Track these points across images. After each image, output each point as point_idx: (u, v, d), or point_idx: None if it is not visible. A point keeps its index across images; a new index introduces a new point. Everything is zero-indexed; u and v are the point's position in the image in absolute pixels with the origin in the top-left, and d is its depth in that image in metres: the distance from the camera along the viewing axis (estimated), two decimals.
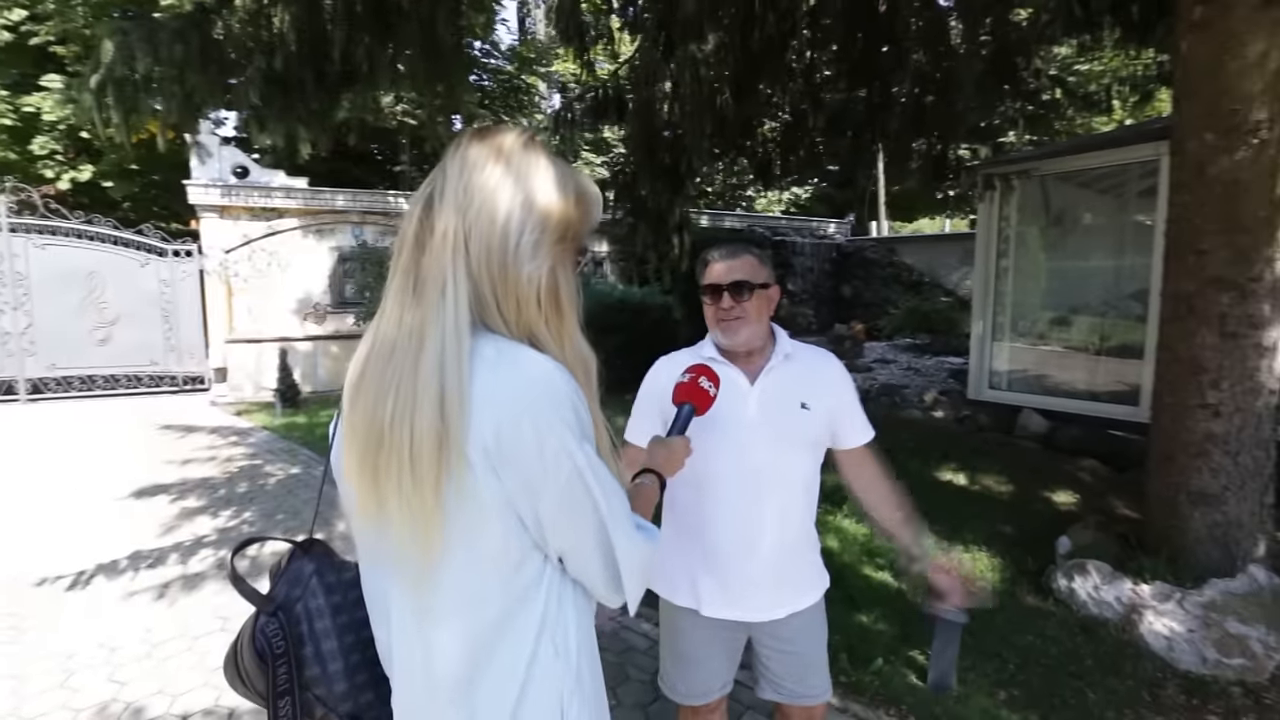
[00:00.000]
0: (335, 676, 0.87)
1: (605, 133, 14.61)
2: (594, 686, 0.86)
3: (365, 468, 0.76)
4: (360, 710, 0.88)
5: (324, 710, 0.87)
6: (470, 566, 0.75)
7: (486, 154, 0.78)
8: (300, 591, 0.89)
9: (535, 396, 0.73)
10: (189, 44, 2.31)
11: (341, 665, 0.87)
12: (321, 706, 0.87)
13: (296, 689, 0.84)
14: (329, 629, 0.88)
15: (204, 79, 2.38)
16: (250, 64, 2.34)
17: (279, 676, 0.83)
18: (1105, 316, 5.65)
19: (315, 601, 0.89)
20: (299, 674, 0.85)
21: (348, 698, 0.87)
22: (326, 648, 0.87)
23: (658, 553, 0.85)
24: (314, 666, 0.86)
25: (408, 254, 0.78)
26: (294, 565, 0.92)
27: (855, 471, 1.56)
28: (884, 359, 9.10)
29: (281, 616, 0.86)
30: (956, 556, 1.61)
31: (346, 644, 0.88)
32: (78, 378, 8.45)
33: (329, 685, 0.86)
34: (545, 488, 0.74)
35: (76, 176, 11.97)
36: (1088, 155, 5.30)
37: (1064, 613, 2.87)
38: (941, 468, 4.64)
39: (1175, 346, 2.81)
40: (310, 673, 0.86)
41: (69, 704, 2.43)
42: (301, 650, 0.86)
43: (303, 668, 0.86)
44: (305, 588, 0.89)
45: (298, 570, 0.91)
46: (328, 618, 0.88)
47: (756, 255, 1.45)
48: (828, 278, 14.03)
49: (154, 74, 2.30)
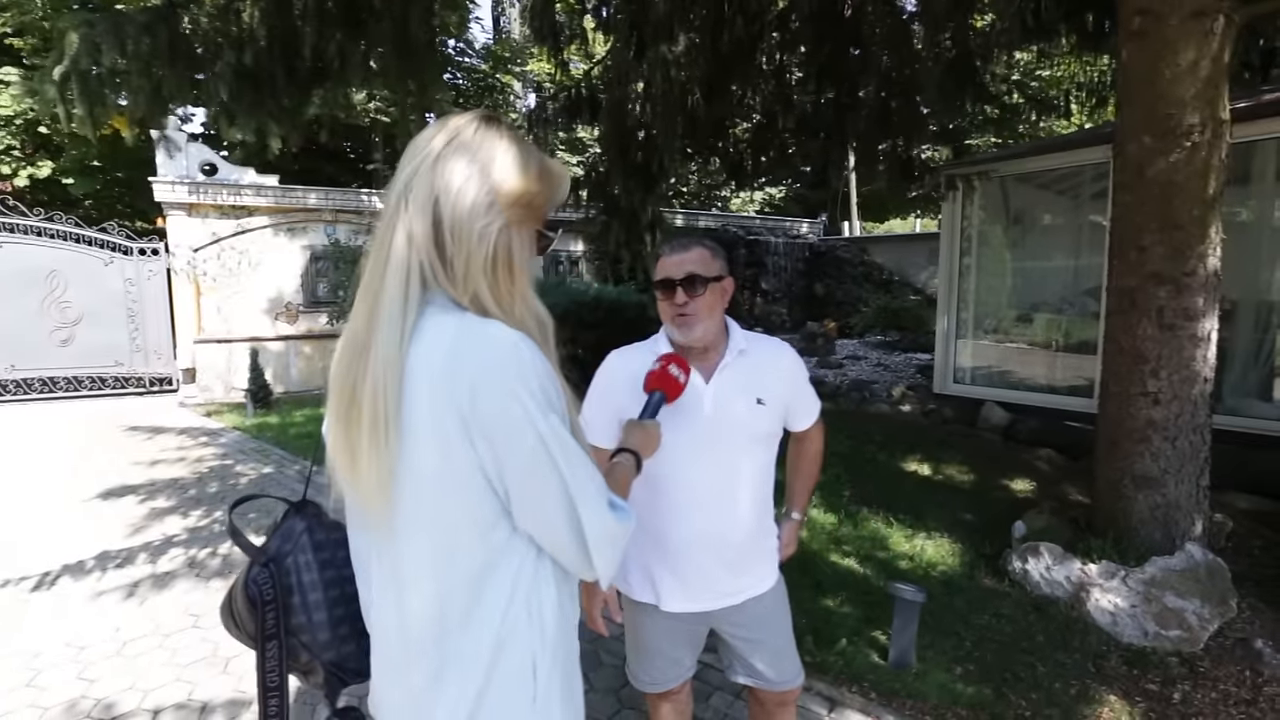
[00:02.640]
0: (320, 625, 0.93)
1: (581, 133, 14.64)
2: (568, 659, 0.90)
3: (339, 431, 0.82)
4: (342, 659, 0.95)
5: (309, 656, 0.94)
6: (442, 525, 0.80)
7: (440, 134, 0.84)
8: (291, 546, 0.95)
9: (501, 365, 0.77)
10: (156, 37, 2.29)
11: (326, 616, 0.94)
12: (306, 652, 0.94)
13: (283, 633, 0.91)
14: (316, 582, 0.94)
15: (172, 73, 2.37)
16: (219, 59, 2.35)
17: (267, 621, 0.90)
18: (1063, 313, 5.88)
19: (304, 556, 0.95)
20: (286, 620, 0.92)
21: (330, 646, 0.94)
22: (313, 599, 0.94)
23: (629, 531, 0.88)
24: (300, 615, 0.93)
25: (377, 238, 0.85)
26: (287, 523, 0.98)
27: (795, 448, 1.65)
28: (855, 355, 9.29)
29: (272, 567, 0.92)
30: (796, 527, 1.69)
31: (331, 597, 0.95)
32: (38, 380, 8.23)
33: (313, 633, 0.93)
34: (510, 456, 0.78)
35: (35, 173, 11.62)
36: (1044, 157, 5.51)
37: (1018, 593, 3.00)
38: (907, 459, 4.79)
39: (1119, 338, 2.96)
40: (297, 620, 0.93)
41: (36, 702, 2.42)
42: (290, 599, 0.93)
43: (290, 615, 0.92)
44: (296, 543, 0.95)
45: (290, 527, 0.97)
46: (315, 571, 0.95)
47: (709, 247, 1.44)
48: (801, 276, 14.24)
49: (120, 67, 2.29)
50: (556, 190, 0.92)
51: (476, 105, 15.49)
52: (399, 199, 0.83)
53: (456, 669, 0.81)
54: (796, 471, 1.66)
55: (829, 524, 3.81)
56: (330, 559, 0.96)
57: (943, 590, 3.06)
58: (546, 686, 0.85)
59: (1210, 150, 2.61)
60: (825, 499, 4.08)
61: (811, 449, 1.64)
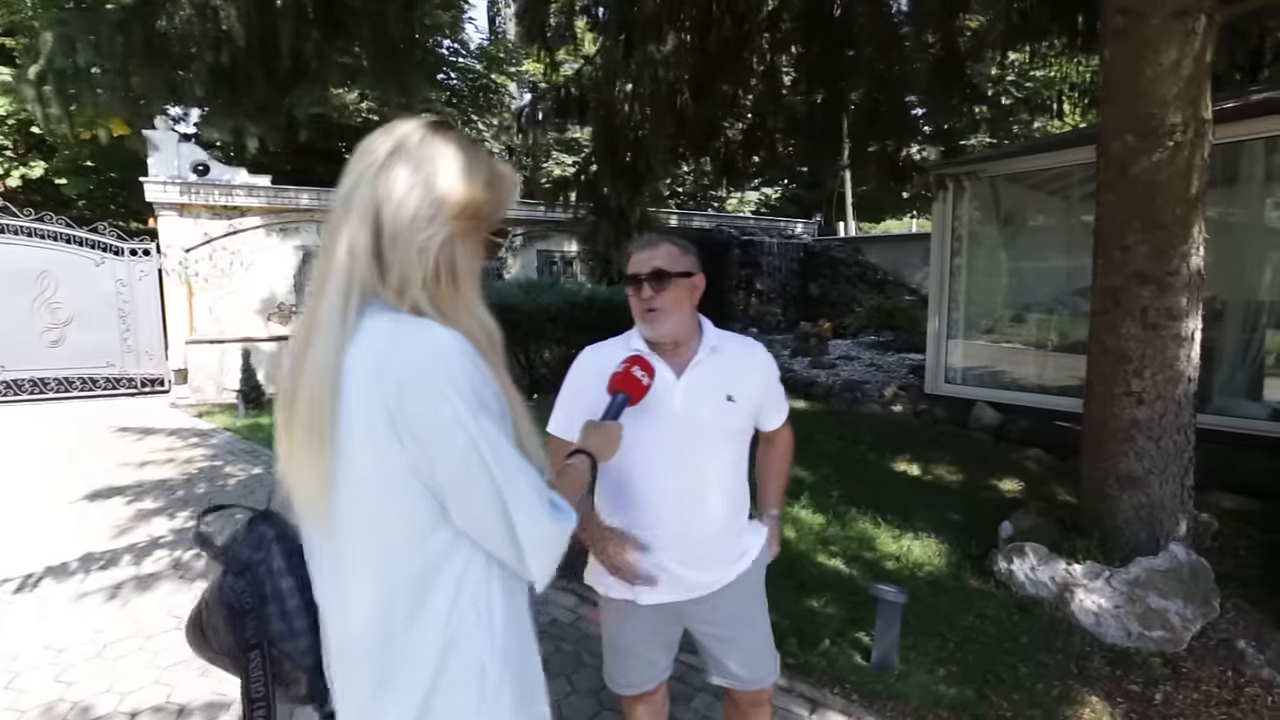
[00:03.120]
0: (301, 633, 0.92)
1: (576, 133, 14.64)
2: (520, 660, 0.89)
3: (281, 435, 0.83)
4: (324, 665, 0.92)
5: (291, 665, 0.93)
6: (379, 528, 0.80)
7: (385, 141, 0.84)
8: (263, 554, 0.94)
9: (429, 365, 0.77)
10: (131, 36, 2.29)
11: (306, 622, 0.92)
12: (289, 661, 0.92)
13: (265, 643, 0.90)
14: (292, 589, 0.93)
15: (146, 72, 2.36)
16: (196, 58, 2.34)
17: (248, 630, 0.89)
18: (1054, 313, 5.89)
19: (277, 563, 0.94)
20: (265, 629, 0.91)
21: (311, 652, 0.92)
22: (291, 606, 0.93)
23: (567, 534, 0.87)
24: (279, 623, 0.92)
25: (324, 242, 0.85)
26: (256, 530, 0.97)
27: (765, 448, 1.66)
28: (848, 356, 9.29)
29: (248, 575, 0.91)
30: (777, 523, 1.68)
31: (308, 600, 0.93)
32: (28, 381, 8.19)
33: (294, 640, 0.92)
34: (441, 457, 0.78)
35: (27, 173, 11.57)
36: (1033, 157, 5.52)
37: (1003, 594, 3.00)
38: (897, 459, 4.78)
39: (1103, 338, 2.96)
40: (276, 628, 0.92)
41: (14, 705, 2.40)
42: (266, 609, 0.92)
43: (269, 624, 0.91)
44: (268, 551, 0.95)
45: (260, 534, 0.96)
46: (290, 578, 0.93)
47: (678, 245, 1.45)
48: (795, 277, 14.24)
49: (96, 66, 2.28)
50: (505, 196, 0.92)
51: (471, 105, 15.51)
52: (342, 206, 0.83)
53: (403, 673, 0.81)
54: (768, 469, 1.66)
55: (817, 524, 3.80)
56: (303, 564, 0.94)
57: (928, 591, 3.06)
58: (496, 688, 0.84)
59: (1193, 150, 2.61)
60: (814, 499, 4.07)
61: (780, 446, 1.65)
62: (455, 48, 14.45)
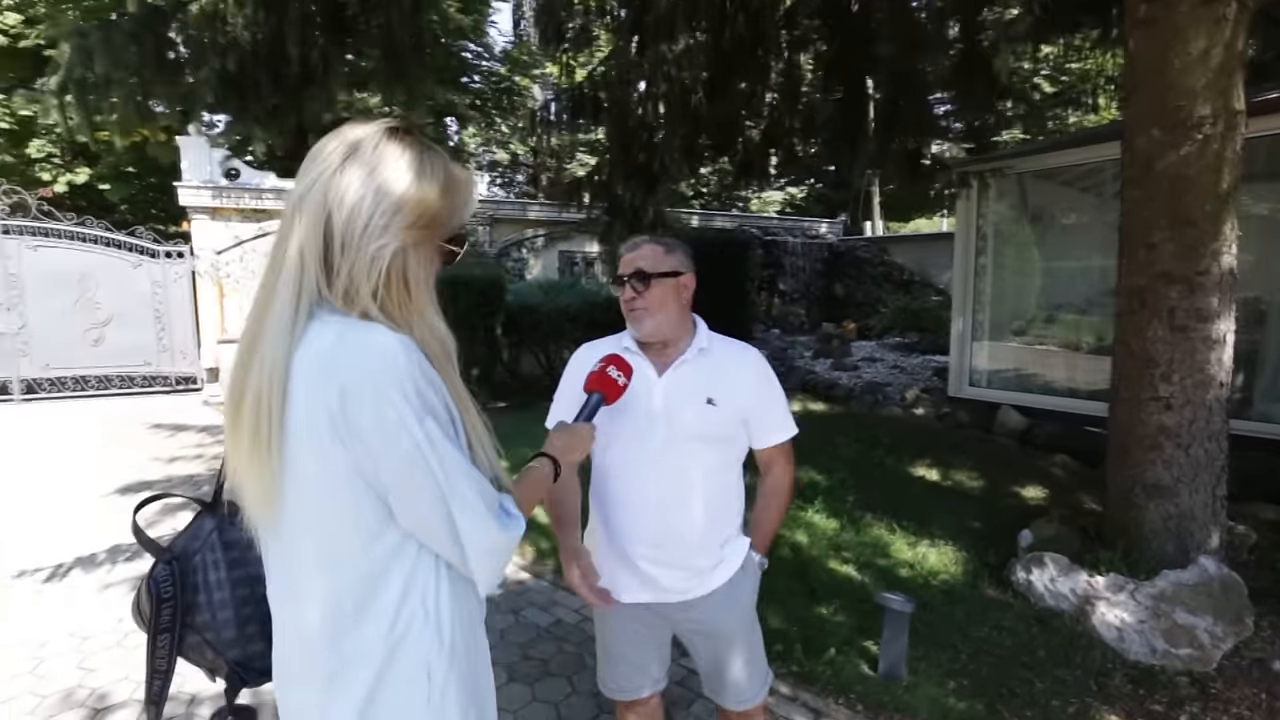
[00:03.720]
0: (224, 624, 0.94)
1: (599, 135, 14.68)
2: (470, 662, 0.89)
3: (229, 436, 0.83)
4: (249, 658, 0.95)
5: (213, 654, 0.94)
6: (326, 529, 0.81)
7: (338, 146, 0.83)
8: (199, 545, 0.96)
9: (374, 369, 0.77)
10: (143, 45, 2.36)
11: (232, 614, 0.94)
12: (211, 650, 0.94)
13: (177, 629, 0.92)
14: (223, 580, 0.95)
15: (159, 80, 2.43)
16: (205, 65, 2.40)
17: (161, 616, 0.91)
18: (1083, 314, 5.68)
19: (213, 555, 0.95)
20: (190, 617, 0.93)
21: (235, 644, 0.94)
22: (218, 597, 0.94)
23: (514, 541, 0.87)
24: (205, 613, 0.94)
25: (275, 243, 0.84)
26: (197, 522, 0.98)
27: (763, 468, 1.57)
28: (871, 357, 9.12)
29: (175, 566, 0.93)
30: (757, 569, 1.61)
31: (239, 596, 0.95)
32: (71, 378, 8.52)
33: (217, 631, 0.93)
34: (385, 458, 0.77)
35: (73, 179, 12.06)
36: (1062, 153, 5.33)
37: (1021, 605, 2.90)
38: (916, 464, 4.67)
39: (1129, 340, 2.84)
40: (201, 618, 0.93)
41: (36, 690, 2.48)
42: (195, 597, 0.94)
43: (193, 612, 0.93)
44: (205, 542, 0.96)
45: (199, 526, 0.98)
46: (223, 570, 0.95)
47: (663, 244, 1.45)
48: (819, 277, 14.05)
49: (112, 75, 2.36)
50: (463, 203, 0.91)
51: (494, 108, 15.68)
52: (294, 209, 0.82)
53: (351, 669, 0.82)
54: (757, 507, 1.57)
55: (830, 530, 3.73)
56: (240, 559, 0.96)
57: (942, 600, 2.97)
58: (442, 688, 0.84)
59: (1223, 143, 2.49)
60: (828, 504, 3.99)
61: (773, 484, 1.55)
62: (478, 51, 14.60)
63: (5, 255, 7.94)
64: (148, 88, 2.41)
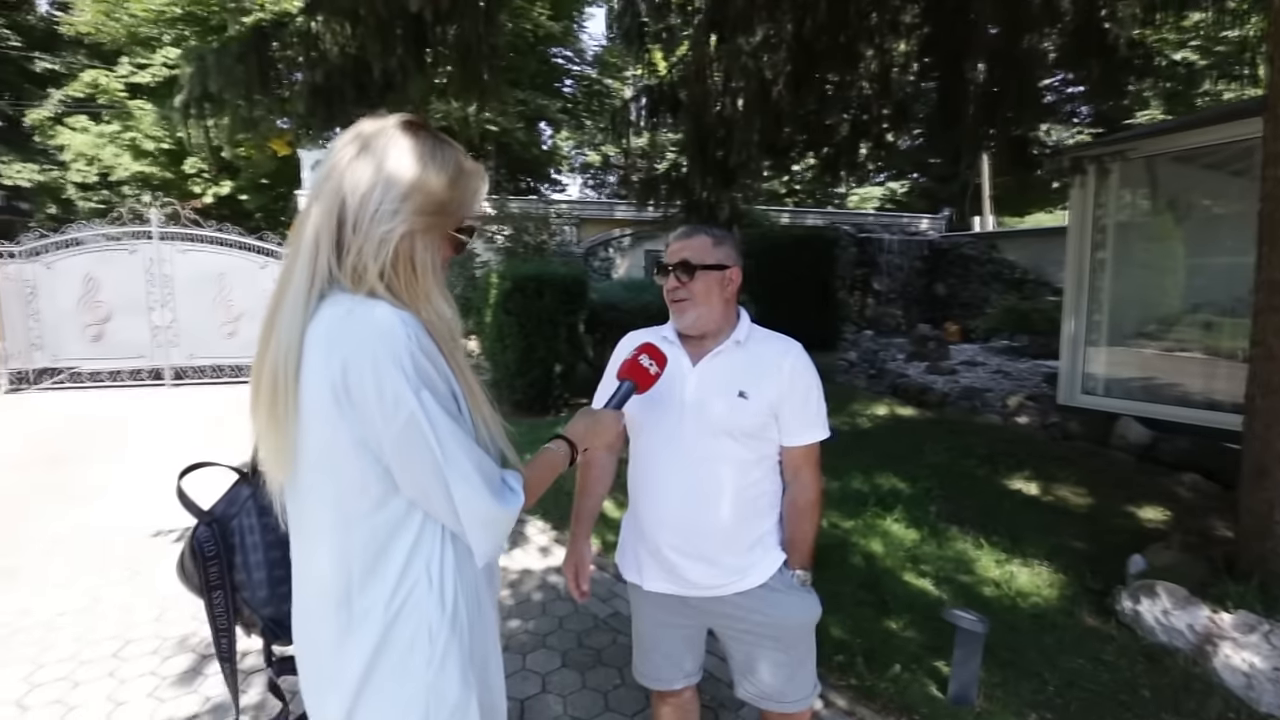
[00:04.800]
0: (259, 584, 1.01)
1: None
2: (474, 629, 0.93)
3: (252, 407, 0.90)
4: (281, 616, 1.01)
5: (249, 611, 1.02)
6: (335, 494, 0.86)
7: (354, 139, 0.89)
8: (236, 509, 1.04)
9: (373, 342, 0.81)
10: (248, 65, 2.65)
11: (265, 575, 1.01)
12: (247, 607, 1.02)
13: (227, 586, 1.00)
14: (257, 543, 1.02)
15: (262, 95, 2.71)
16: (298, 79, 2.65)
17: (210, 574, 0.99)
18: (1229, 315, 4.98)
19: (248, 520, 1.03)
20: (230, 575, 1.01)
21: (269, 603, 1.01)
22: (253, 559, 1.02)
23: (510, 514, 0.89)
24: (241, 573, 1.01)
25: (294, 229, 0.91)
26: (235, 488, 1.07)
27: (790, 474, 1.49)
28: (973, 361, 8.50)
29: (215, 527, 1.01)
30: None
31: (272, 558, 1.02)
32: (210, 366, 9.61)
33: (252, 590, 1.01)
34: (386, 428, 0.81)
35: (218, 191, 13.62)
36: (1203, 131, 4.68)
37: (1126, 638, 2.59)
38: (1012, 476, 4.29)
39: (1270, 342, 2.46)
40: (238, 577, 1.01)
41: (160, 634, 2.81)
42: (233, 557, 1.01)
43: (231, 572, 1.01)
44: (241, 507, 1.04)
45: (237, 492, 1.06)
46: (257, 534, 1.03)
47: (713, 236, 1.43)
48: (919, 276, 13.29)
49: (224, 92, 2.67)
50: (471, 193, 0.95)
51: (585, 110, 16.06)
52: (312, 197, 0.89)
53: (360, 628, 0.87)
54: (788, 524, 1.49)
55: (909, 540, 3.50)
56: (273, 523, 1.02)
57: (1031, 624, 2.71)
58: (443, 650, 0.88)
59: None
60: (909, 513, 3.76)
61: (800, 494, 1.47)
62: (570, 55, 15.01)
63: (161, 259, 9.09)
64: (250, 102, 2.71)
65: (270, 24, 2.71)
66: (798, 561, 1.47)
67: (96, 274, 9.01)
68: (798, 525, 1.47)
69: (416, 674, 0.87)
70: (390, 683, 0.88)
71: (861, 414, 5.93)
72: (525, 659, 2.59)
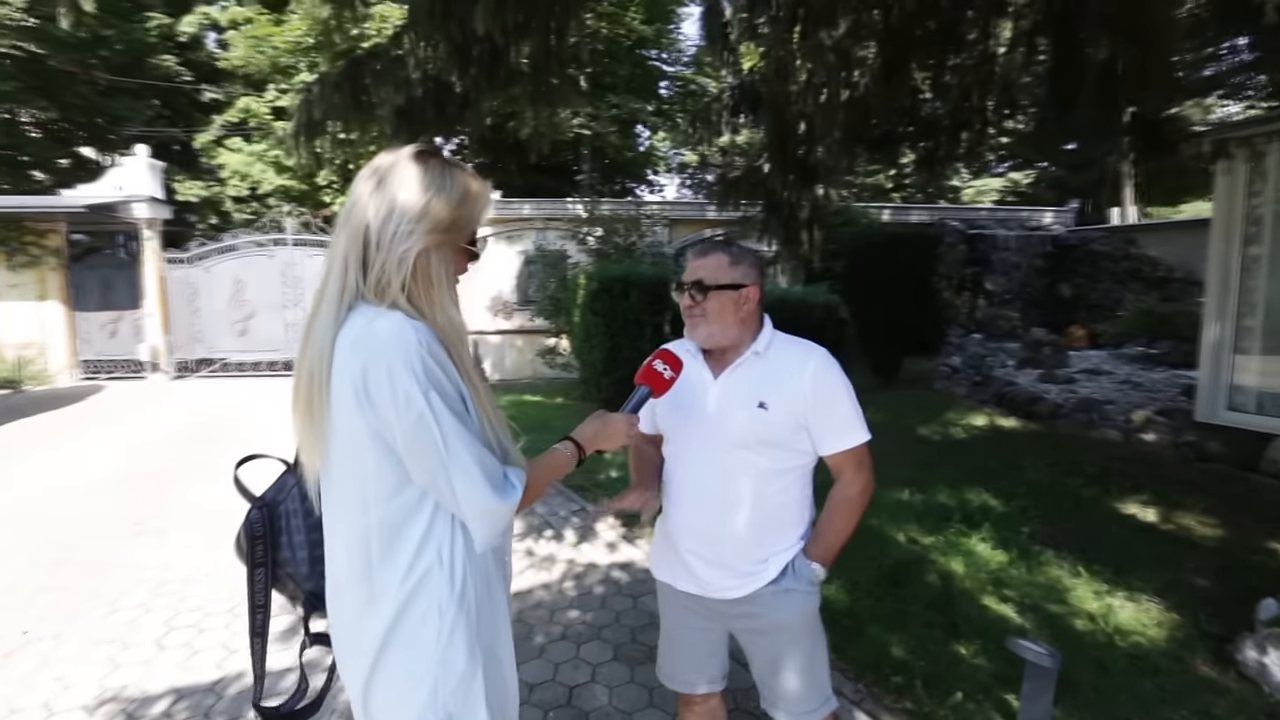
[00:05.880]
0: (301, 561, 1.14)
1: None
2: (483, 610, 1.02)
3: (291, 402, 1.04)
4: (320, 590, 1.13)
5: (293, 585, 1.15)
6: (355, 481, 0.98)
7: (369, 173, 1.02)
8: (283, 496, 1.17)
9: (389, 348, 0.92)
10: (343, 92, 2.95)
11: (307, 554, 1.14)
12: (291, 582, 1.15)
13: (270, 564, 1.13)
14: (300, 525, 1.15)
15: (355, 118, 3.01)
16: (385, 102, 2.91)
17: (256, 552, 1.13)
18: None
19: (293, 505, 1.16)
20: (274, 554, 1.14)
21: (310, 578, 1.14)
22: (297, 539, 1.15)
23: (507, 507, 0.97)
24: (286, 551, 1.14)
25: (329, 251, 1.05)
26: (283, 477, 1.21)
27: (833, 473, 1.48)
28: (1097, 369, 7.66)
29: (264, 511, 1.15)
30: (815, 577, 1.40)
31: (313, 539, 1.14)
32: None
33: (296, 567, 1.14)
34: (399, 424, 0.92)
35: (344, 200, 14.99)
36: None
37: (1247, 692, 2.27)
38: (1127, 499, 3.86)
39: None
40: (284, 555, 1.14)
41: (236, 596, 3.17)
42: (279, 538, 1.15)
43: (279, 550, 1.14)
44: (287, 494, 1.17)
45: (284, 481, 1.20)
46: (300, 517, 1.16)
47: (731, 255, 1.43)
48: (1040, 275, 12.14)
49: (326, 117, 2.99)
50: (477, 211, 1.06)
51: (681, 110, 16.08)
52: (343, 222, 1.02)
53: (378, 602, 0.98)
54: (824, 512, 1.48)
55: (994, 561, 3.26)
56: (312, 507, 1.15)
57: (1128, 666, 2.44)
58: (451, 627, 0.98)
59: None
60: (996, 531, 3.49)
61: (839, 491, 1.45)
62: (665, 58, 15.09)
63: (293, 262, 10.19)
64: (346, 125, 3.01)
65: (364, 54, 3.00)
66: (817, 553, 1.44)
67: (243, 276, 10.27)
68: (828, 518, 1.46)
69: (427, 647, 0.98)
70: (403, 653, 0.98)
71: (955, 424, 5.55)
72: (579, 649, 2.68)
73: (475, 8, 2.23)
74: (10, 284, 9.87)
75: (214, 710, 2.31)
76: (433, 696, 0.98)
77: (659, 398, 1.34)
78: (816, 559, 1.44)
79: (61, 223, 9.85)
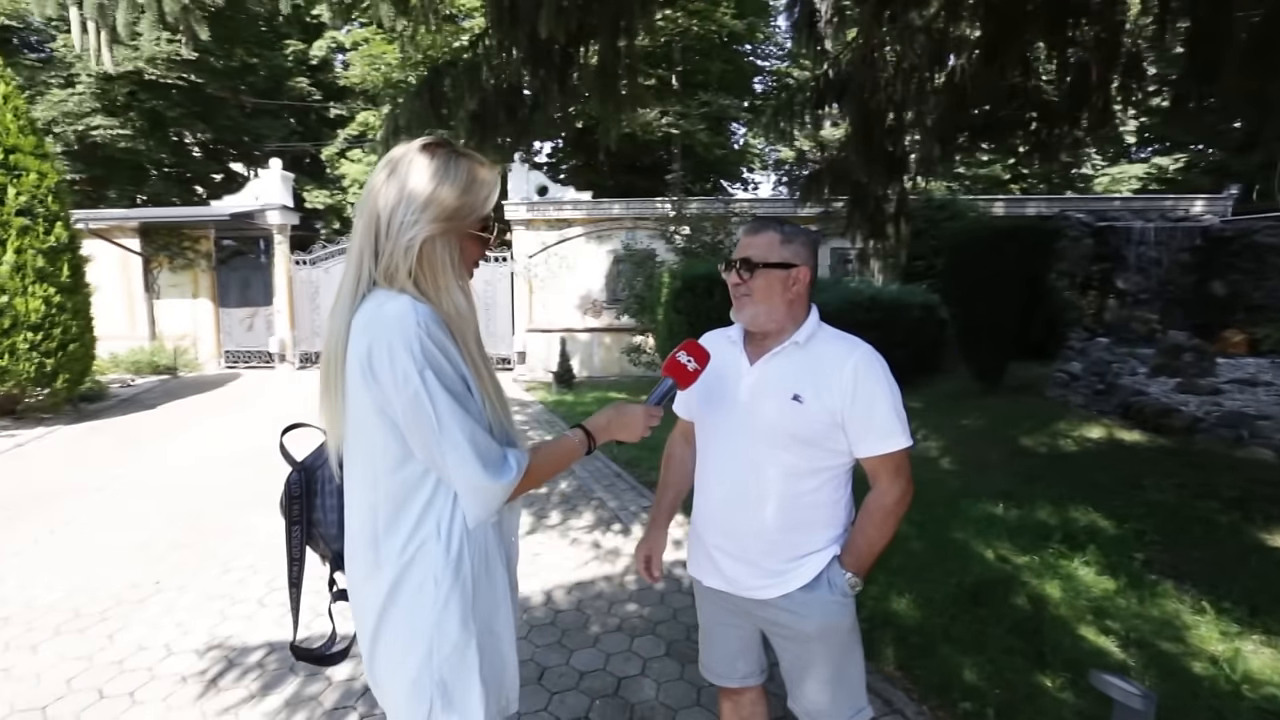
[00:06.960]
0: (331, 523, 1.23)
1: None
2: (479, 584, 1.06)
3: (319, 378, 1.12)
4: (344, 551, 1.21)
5: (324, 545, 1.24)
6: (365, 456, 1.05)
7: (383, 164, 1.08)
8: (320, 462, 1.27)
9: (390, 330, 0.98)
10: (423, 99, 3.13)
11: (335, 516, 1.22)
12: (322, 541, 1.24)
13: (305, 523, 1.23)
14: (332, 490, 1.23)
15: (434, 124, 3.20)
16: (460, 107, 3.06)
17: (293, 510, 1.23)
18: None
19: (327, 470, 1.25)
20: (309, 514, 1.24)
21: (337, 540, 1.22)
22: (329, 503, 1.24)
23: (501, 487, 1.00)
24: (319, 512, 1.24)
25: (351, 240, 1.12)
26: (322, 445, 1.29)
27: (869, 479, 1.39)
28: (1254, 379, 6.68)
29: (303, 475, 1.25)
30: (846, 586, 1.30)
31: (341, 504, 1.21)
32: None
33: (327, 528, 1.23)
34: (397, 400, 0.98)
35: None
36: None
37: None
38: (1272, 528, 3.33)
39: None
40: (317, 516, 1.24)
41: None
42: (315, 500, 1.24)
43: (313, 511, 1.24)
44: (324, 460, 1.26)
45: (322, 449, 1.29)
46: (332, 483, 1.23)
47: (783, 234, 1.37)
48: (1185, 271, 10.75)
49: (411, 125, 3.21)
50: (483, 198, 1.09)
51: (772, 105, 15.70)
52: (357, 217, 1.09)
53: (383, 567, 1.05)
54: (858, 519, 1.40)
55: (1098, 588, 2.93)
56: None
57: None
58: (446, 597, 1.03)
59: None
60: (1104, 555, 3.14)
61: (873, 499, 1.36)
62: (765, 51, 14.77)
63: None
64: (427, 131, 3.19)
65: (443, 62, 3.19)
66: (850, 562, 1.36)
67: None
68: (862, 527, 1.38)
69: (424, 612, 1.03)
70: (402, 618, 1.04)
71: (1066, 435, 5.03)
72: (633, 641, 2.69)
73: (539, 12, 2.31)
74: (171, 284, 11.37)
75: (298, 665, 2.54)
76: (427, 661, 1.03)
77: (684, 390, 1.32)
78: (849, 568, 1.36)
79: (210, 230, 11.20)
